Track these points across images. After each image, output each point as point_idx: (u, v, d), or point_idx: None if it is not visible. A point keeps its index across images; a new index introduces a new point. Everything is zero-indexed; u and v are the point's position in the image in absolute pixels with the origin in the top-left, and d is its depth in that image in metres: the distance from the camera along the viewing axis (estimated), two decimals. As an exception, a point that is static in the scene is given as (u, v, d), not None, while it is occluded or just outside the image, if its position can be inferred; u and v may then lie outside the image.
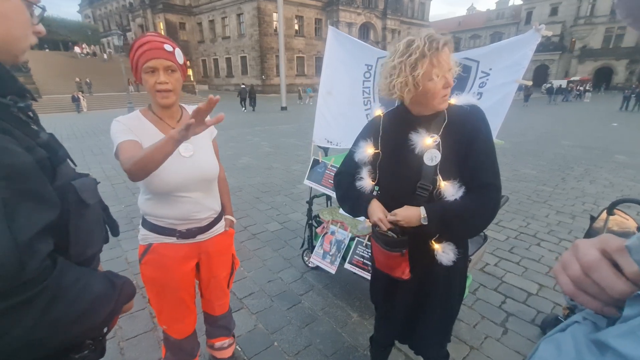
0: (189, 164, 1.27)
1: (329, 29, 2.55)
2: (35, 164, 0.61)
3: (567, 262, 0.44)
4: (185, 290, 1.43)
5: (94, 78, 25.33)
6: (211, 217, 1.40)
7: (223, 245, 1.50)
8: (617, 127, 12.62)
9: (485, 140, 1.11)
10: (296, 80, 33.71)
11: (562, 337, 0.46)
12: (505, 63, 1.95)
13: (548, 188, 5.30)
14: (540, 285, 2.74)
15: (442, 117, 1.14)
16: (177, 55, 1.18)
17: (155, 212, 1.30)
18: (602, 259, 0.40)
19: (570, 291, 0.43)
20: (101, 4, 52.14)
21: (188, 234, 1.34)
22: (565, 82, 34.83)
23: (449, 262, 1.17)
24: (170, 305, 1.43)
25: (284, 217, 4.14)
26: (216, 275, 1.51)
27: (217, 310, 1.61)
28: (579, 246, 0.43)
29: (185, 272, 1.40)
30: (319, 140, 2.67)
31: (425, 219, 1.10)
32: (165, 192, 1.25)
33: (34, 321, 0.57)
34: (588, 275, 0.41)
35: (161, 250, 1.33)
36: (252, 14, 30.70)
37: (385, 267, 1.28)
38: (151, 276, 1.37)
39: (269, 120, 14.64)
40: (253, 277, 2.83)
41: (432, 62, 1.03)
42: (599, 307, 0.41)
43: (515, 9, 48.31)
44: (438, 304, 1.30)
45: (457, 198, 1.08)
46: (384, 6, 37.09)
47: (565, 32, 40.01)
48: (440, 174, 1.11)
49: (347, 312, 2.41)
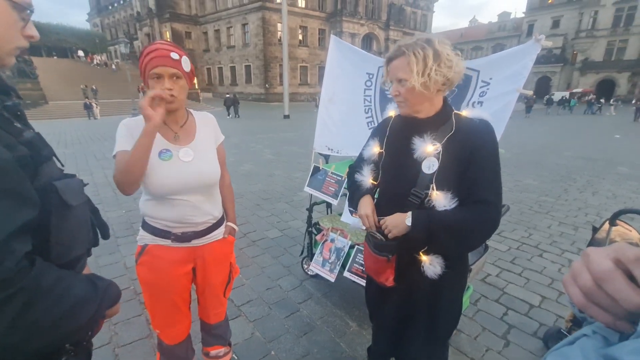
0: (188, 168, 1.27)
1: (331, 38, 2.58)
2: (14, 162, 0.60)
3: (577, 271, 0.41)
4: (179, 295, 1.41)
5: (100, 85, 25.67)
6: (209, 223, 1.39)
7: (220, 252, 1.48)
8: (620, 138, 12.59)
9: (488, 155, 1.08)
10: (299, 89, 34.07)
11: (571, 351, 0.44)
12: (505, 73, 1.96)
13: (550, 199, 5.27)
14: (542, 297, 2.70)
15: (450, 127, 1.12)
16: (183, 63, 1.20)
17: (152, 213, 1.30)
18: (616, 269, 0.37)
19: (581, 303, 0.41)
20: (109, 13, 53.26)
21: (183, 238, 1.33)
22: (568, 93, 35.05)
23: (434, 275, 1.14)
24: (163, 309, 1.41)
25: (284, 224, 4.13)
26: (211, 283, 1.48)
27: (212, 318, 1.57)
28: (591, 255, 0.40)
29: (179, 276, 1.38)
30: (320, 147, 2.68)
31: (409, 220, 1.09)
32: (161, 194, 1.26)
33: (8, 324, 0.54)
34: (600, 286, 0.38)
35: (155, 251, 1.33)
36: (257, 24, 31.21)
37: (371, 270, 1.27)
38: (146, 278, 1.36)
39: (272, 128, 14.72)
40: (251, 285, 2.81)
41: (386, 70, 1.16)
42: (611, 321, 0.39)
43: (517, 21, 48.83)
44: (422, 320, 1.28)
45: (448, 209, 1.07)
46: (386, 17, 37.62)
47: (567, 45, 40.33)
48: (435, 183, 1.09)
49: (345, 321, 2.37)
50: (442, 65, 1.05)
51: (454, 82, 1.11)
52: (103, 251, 3.26)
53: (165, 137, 1.26)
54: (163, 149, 1.24)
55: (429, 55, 1.03)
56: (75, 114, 20.04)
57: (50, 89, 22.64)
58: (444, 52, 1.05)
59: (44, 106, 19.90)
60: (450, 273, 1.16)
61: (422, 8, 44.25)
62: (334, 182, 2.51)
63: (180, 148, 1.28)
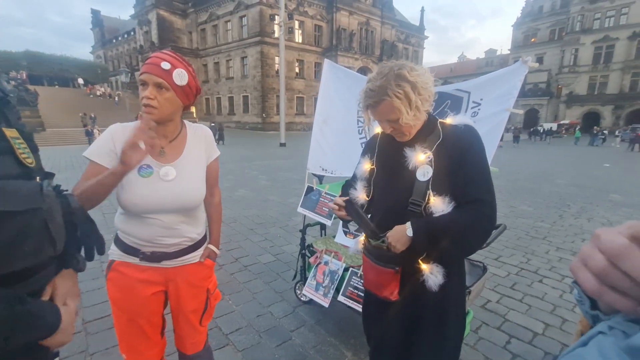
0: (167, 189, 1.19)
1: (325, 62, 2.66)
2: None
3: (588, 254, 0.37)
4: (146, 319, 1.28)
5: (99, 113, 26.01)
6: (182, 245, 1.28)
7: (195, 276, 1.35)
8: (610, 167, 12.84)
9: (476, 155, 1.10)
10: (295, 118, 34.80)
11: (586, 352, 0.38)
12: (495, 93, 2.01)
13: (546, 225, 5.24)
14: (546, 324, 2.58)
15: (437, 135, 1.15)
16: (175, 76, 1.14)
17: (124, 229, 1.22)
18: (632, 245, 0.33)
19: (595, 289, 0.36)
20: (113, 46, 55.16)
21: (152, 257, 1.23)
22: (556, 125, 36.28)
23: (435, 286, 1.11)
24: (129, 332, 1.28)
25: (277, 249, 4.02)
26: (185, 310, 1.35)
27: (188, 348, 1.42)
28: (602, 236, 0.36)
29: (146, 297, 1.26)
30: (314, 168, 2.67)
31: (410, 231, 1.07)
32: (134, 212, 1.17)
33: None
34: (616, 265, 0.34)
35: (122, 268, 1.23)
36: (255, 57, 32.43)
37: (374, 285, 1.21)
38: (113, 295, 1.26)
39: (268, 155, 14.83)
40: (241, 311, 2.66)
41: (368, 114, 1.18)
42: (631, 307, 0.34)
43: (503, 57, 51.57)
44: (428, 339, 1.20)
45: (445, 213, 1.07)
46: (380, 53, 39.43)
47: (552, 80, 42.25)
48: (432, 189, 1.10)
49: (340, 350, 2.23)
50: (422, 92, 1.08)
51: (433, 93, 1.15)
52: (87, 276, 3.11)
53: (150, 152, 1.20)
54: (144, 164, 1.16)
55: (408, 92, 1.05)
56: (74, 140, 20.11)
57: (49, 117, 22.84)
58: (418, 80, 1.07)
59: (41, 133, 19.98)
60: (451, 282, 1.13)
61: (413, 45, 46.61)
62: (328, 203, 2.46)
63: (162, 166, 1.20)
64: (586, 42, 38.17)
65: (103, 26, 57.71)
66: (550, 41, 43.04)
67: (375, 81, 1.09)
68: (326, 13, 35.00)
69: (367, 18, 37.40)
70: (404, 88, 1.05)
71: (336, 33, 34.79)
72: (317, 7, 34.23)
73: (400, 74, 1.06)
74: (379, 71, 1.12)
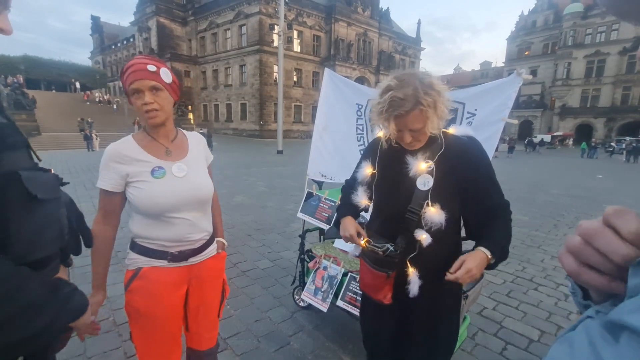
0: (183, 184, 1.24)
1: (325, 71, 2.72)
2: None
3: (569, 240, 0.43)
4: (175, 323, 1.31)
5: (97, 117, 25.95)
6: (204, 239, 1.35)
7: (215, 268, 1.43)
8: (602, 178, 13.03)
9: (487, 166, 1.19)
10: (293, 126, 34.99)
11: (575, 334, 0.42)
12: (491, 104, 2.08)
13: (541, 234, 5.31)
14: (541, 331, 2.62)
15: (439, 145, 1.17)
16: (162, 75, 1.17)
17: (146, 234, 1.23)
18: (603, 226, 0.38)
19: (574, 268, 0.41)
20: (112, 52, 55.38)
21: (180, 257, 1.27)
22: (550, 136, 36.85)
23: (415, 290, 1.17)
24: (158, 340, 1.29)
25: (275, 254, 4.02)
26: (207, 302, 1.40)
27: (204, 344, 1.44)
28: (582, 223, 0.42)
29: (176, 301, 1.29)
30: (314, 174, 2.71)
31: (492, 259, 1.09)
32: (157, 213, 1.20)
33: None
34: (589, 243, 0.39)
35: (151, 275, 1.23)
36: (254, 65, 32.75)
37: (369, 287, 1.24)
38: (137, 306, 1.24)
39: (266, 162, 14.86)
40: (239, 316, 2.66)
41: (393, 123, 1.11)
42: (606, 283, 0.38)
43: (498, 69, 52.46)
44: (422, 340, 1.24)
45: (443, 223, 1.12)
46: (377, 63, 40.01)
47: (545, 92, 43.06)
48: (430, 199, 1.13)
49: (339, 355, 2.24)
50: (446, 102, 1.10)
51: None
52: (83, 280, 3.09)
53: (156, 155, 1.23)
54: (156, 166, 1.21)
55: (437, 100, 1.06)
56: (70, 145, 19.97)
57: (46, 121, 22.73)
58: (442, 89, 1.09)
59: (36, 137, 19.87)
60: (442, 289, 1.16)
61: (410, 56, 47.32)
62: (327, 208, 2.50)
63: (173, 163, 1.24)
64: (578, 56, 39.11)
65: (102, 32, 57.96)
66: (544, 54, 43.99)
67: (401, 90, 1.04)
68: (325, 23, 35.57)
69: (364, 29, 38.05)
70: (433, 97, 1.05)
71: (334, 43, 35.31)
72: (316, 18, 34.78)
73: (430, 83, 1.06)
74: (400, 79, 1.07)
